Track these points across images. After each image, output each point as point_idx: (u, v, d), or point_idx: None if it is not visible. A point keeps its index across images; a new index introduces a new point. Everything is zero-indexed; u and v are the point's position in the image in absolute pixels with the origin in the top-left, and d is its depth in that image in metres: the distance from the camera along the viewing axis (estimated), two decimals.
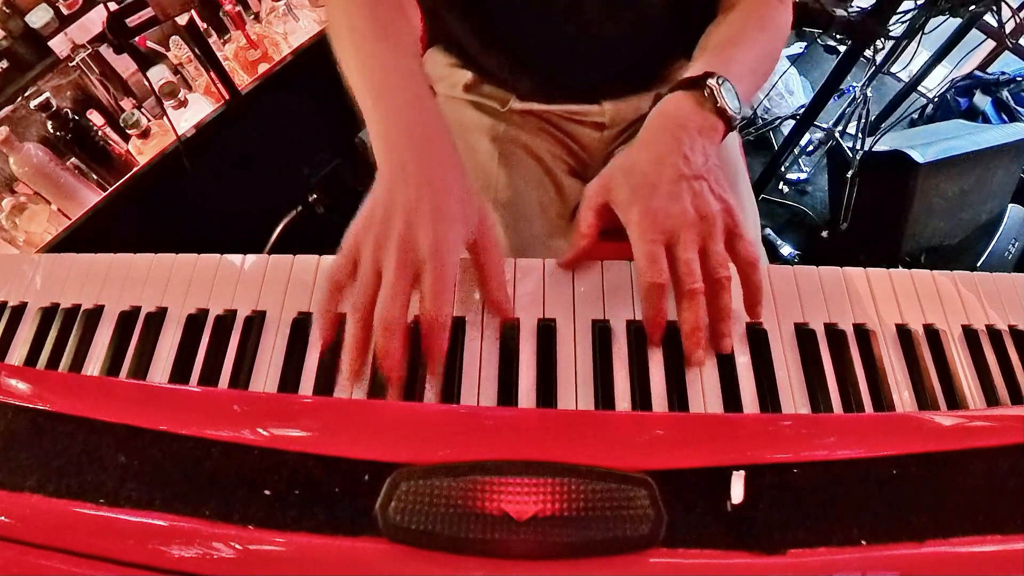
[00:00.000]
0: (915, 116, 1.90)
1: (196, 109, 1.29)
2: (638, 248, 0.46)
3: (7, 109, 1.18)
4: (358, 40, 0.52)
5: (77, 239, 1.19)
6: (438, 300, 0.43)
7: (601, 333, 0.48)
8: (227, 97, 1.25)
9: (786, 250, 1.68)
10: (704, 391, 0.46)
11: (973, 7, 1.32)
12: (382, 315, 0.42)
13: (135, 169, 1.25)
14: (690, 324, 0.45)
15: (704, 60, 0.56)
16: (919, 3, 1.29)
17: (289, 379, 0.48)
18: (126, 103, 1.30)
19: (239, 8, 1.35)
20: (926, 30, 1.37)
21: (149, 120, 1.30)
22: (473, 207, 0.47)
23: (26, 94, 1.19)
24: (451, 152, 0.49)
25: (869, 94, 1.62)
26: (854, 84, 1.69)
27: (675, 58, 0.74)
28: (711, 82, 0.50)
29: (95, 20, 1.23)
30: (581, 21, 0.65)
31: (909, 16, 1.30)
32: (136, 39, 1.06)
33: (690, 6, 0.65)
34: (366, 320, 0.43)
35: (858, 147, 1.56)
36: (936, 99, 1.89)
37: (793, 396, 0.47)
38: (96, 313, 0.52)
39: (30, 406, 0.37)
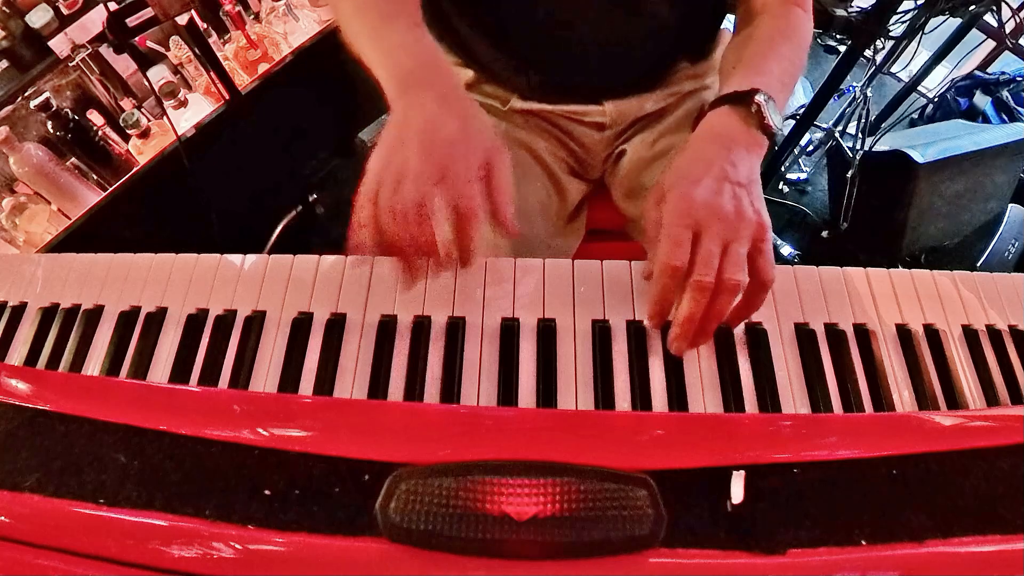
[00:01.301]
0: (915, 116, 1.89)
1: (196, 109, 1.29)
2: (666, 229, 0.46)
3: (7, 109, 1.18)
4: (369, 10, 0.53)
5: (77, 239, 1.19)
6: (468, 185, 0.43)
7: (601, 333, 0.48)
8: (227, 97, 1.25)
9: (786, 250, 1.68)
10: (704, 391, 0.47)
11: (973, 7, 1.32)
12: (410, 198, 0.42)
13: (135, 169, 1.25)
14: (685, 313, 0.45)
15: (743, 75, 0.56)
16: (919, 3, 1.29)
17: (289, 379, 0.48)
18: (126, 103, 1.30)
19: (239, 8, 1.35)
20: (926, 30, 1.36)
21: (149, 120, 1.30)
22: (487, 124, 0.48)
23: (26, 94, 1.19)
24: (458, 86, 0.50)
25: (869, 94, 1.61)
26: (854, 84, 1.68)
27: (678, 60, 0.74)
28: (759, 99, 0.51)
29: (95, 20, 1.23)
30: (588, 24, 0.65)
31: (909, 16, 1.30)
32: (136, 39, 1.06)
33: (696, 11, 0.65)
34: (395, 214, 0.43)
35: (858, 147, 1.56)
36: (936, 99, 1.88)
37: (793, 396, 0.47)
38: (96, 313, 0.52)
39: (30, 406, 0.37)
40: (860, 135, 1.57)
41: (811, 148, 1.84)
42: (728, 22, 0.76)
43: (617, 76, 0.72)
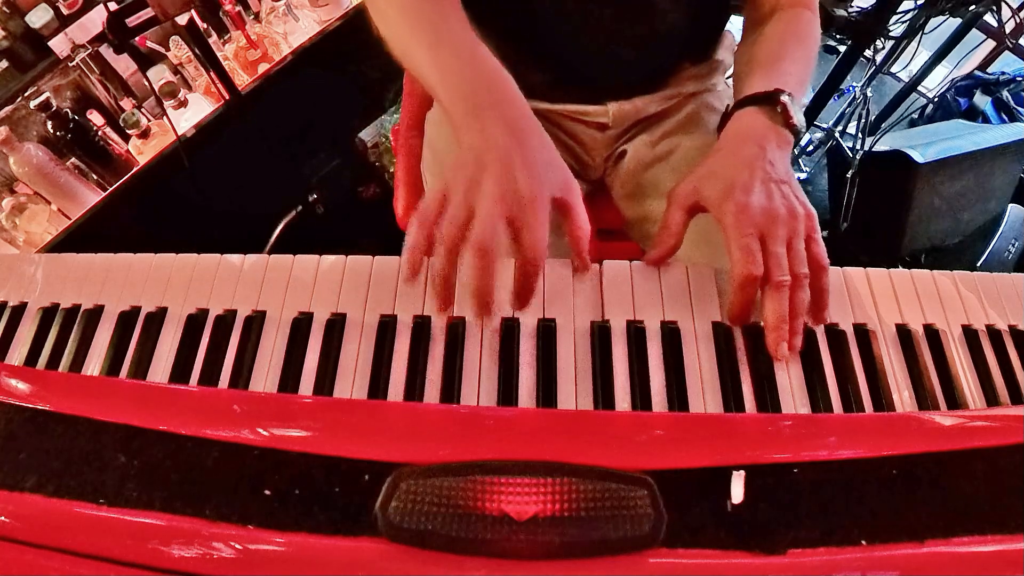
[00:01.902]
0: (915, 116, 1.89)
1: (196, 109, 1.29)
2: (734, 241, 0.48)
3: (7, 109, 1.18)
4: (414, 19, 0.53)
5: (77, 239, 1.19)
6: (538, 242, 0.43)
7: (601, 333, 0.48)
8: (227, 97, 1.25)
9: None
10: (704, 391, 0.47)
11: (973, 7, 1.32)
12: (478, 241, 0.42)
13: (135, 169, 1.25)
14: (776, 316, 0.47)
15: (762, 76, 0.58)
16: (919, 3, 1.29)
17: (289, 379, 0.48)
18: (126, 103, 1.30)
19: (239, 8, 1.35)
20: (926, 30, 1.36)
21: (149, 120, 1.30)
22: (559, 162, 0.48)
23: (26, 94, 1.19)
24: (528, 110, 0.49)
25: (869, 94, 1.61)
26: (854, 84, 1.69)
27: (682, 61, 0.74)
28: (784, 98, 0.53)
29: (95, 20, 1.23)
30: (594, 25, 0.65)
31: (909, 16, 1.30)
32: (136, 39, 1.06)
33: (703, 13, 0.66)
34: (453, 252, 0.43)
35: (858, 147, 1.56)
36: (936, 99, 1.88)
37: (793, 396, 0.47)
38: (96, 313, 0.52)
39: (30, 406, 0.37)
40: (860, 135, 1.57)
41: (811, 148, 1.84)
42: (730, 24, 0.76)
43: (621, 77, 0.72)
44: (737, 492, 0.32)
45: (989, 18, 1.45)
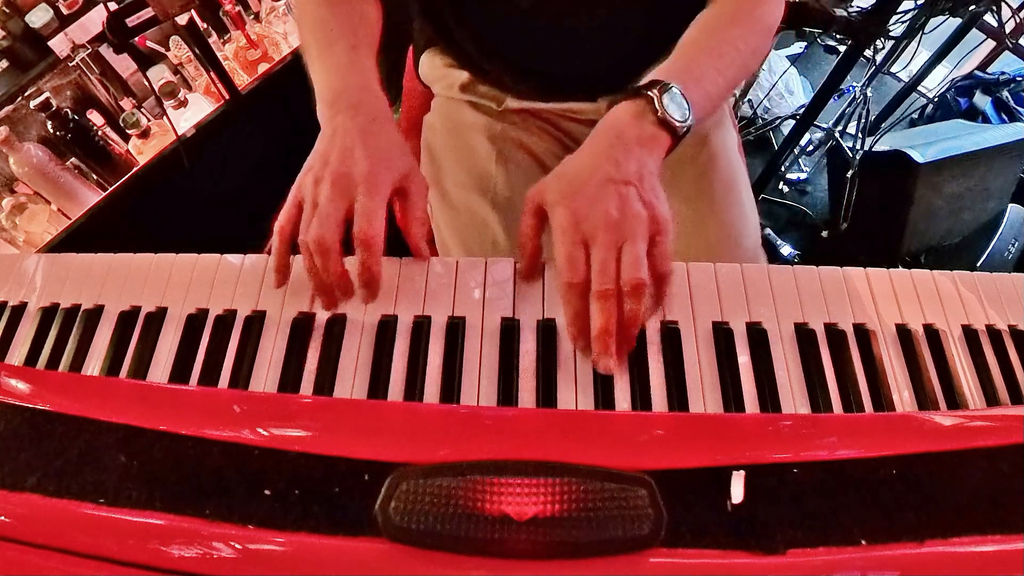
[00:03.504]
0: (915, 116, 1.89)
1: (196, 109, 1.29)
2: (558, 248, 0.46)
3: (7, 109, 1.18)
4: (316, 27, 0.58)
5: (77, 239, 1.19)
6: (367, 218, 0.46)
7: None
8: (227, 97, 1.25)
9: (786, 250, 1.68)
10: (704, 391, 0.47)
11: (973, 7, 1.32)
12: (314, 235, 0.46)
13: (135, 169, 1.24)
14: (599, 327, 0.44)
15: (665, 64, 0.55)
16: (919, 3, 1.29)
17: (289, 379, 0.48)
18: (126, 103, 1.30)
19: (239, 8, 1.34)
20: (926, 30, 1.36)
21: (149, 120, 1.29)
22: (405, 153, 0.52)
23: (26, 94, 1.18)
24: (386, 111, 0.53)
25: (869, 94, 1.61)
26: (854, 84, 1.68)
27: (667, 53, 0.74)
28: (653, 92, 0.49)
29: (95, 20, 1.22)
30: (574, 22, 0.65)
31: (909, 16, 1.30)
32: (136, 39, 1.06)
33: (673, 3, 0.64)
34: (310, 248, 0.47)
35: (858, 147, 1.56)
36: (936, 99, 1.88)
37: (793, 396, 0.47)
38: (96, 313, 0.52)
39: (30, 406, 0.37)
40: (860, 135, 1.57)
41: (811, 148, 1.84)
42: None
43: (609, 73, 0.72)
44: (737, 492, 0.32)
45: (989, 18, 1.45)
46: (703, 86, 0.53)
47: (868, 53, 1.43)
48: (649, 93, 0.49)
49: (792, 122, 1.76)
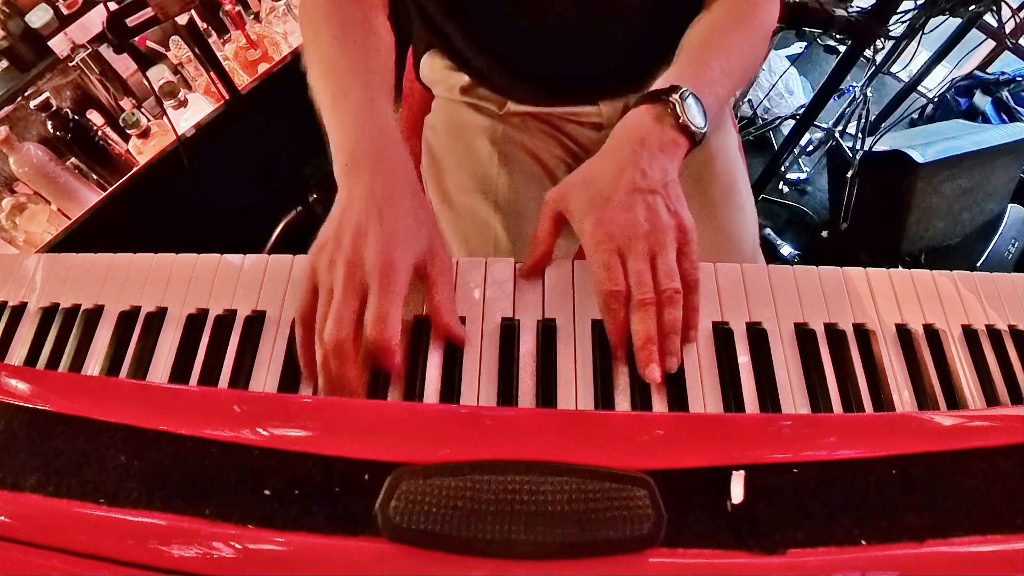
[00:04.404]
0: (915, 116, 1.90)
1: (196, 109, 1.29)
2: (593, 258, 0.46)
3: (7, 109, 1.18)
4: (328, 71, 0.54)
5: (77, 239, 1.19)
6: (380, 323, 0.42)
7: (601, 333, 0.48)
8: (227, 97, 1.25)
9: (786, 250, 1.68)
10: (704, 391, 0.47)
11: (973, 7, 1.32)
12: (330, 338, 0.42)
13: (135, 169, 1.25)
14: (641, 337, 0.44)
15: (675, 68, 0.55)
16: (919, 3, 1.29)
17: (289, 379, 0.48)
18: (126, 103, 1.30)
19: (239, 8, 1.35)
20: (926, 30, 1.36)
21: (149, 120, 1.30)
22: (424, 230, 0.47)
23: (26, 94, 1.18)
24: (407, 175, 0.49)
25: (869, 94, 1.62)
26: (854, 84, 1.69)
27: (668, 56, 0.74)
28: (673, 97, 0.50)
29: (95, 20, 1.22)
30: (572, 26, 0.65)
31: (909, 16, 1.31)
32: (136, 39, 1.06)
33: (672, 7, 0.64)
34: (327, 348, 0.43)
35: (858, 147, 1.56)
36: (936, 99, 1.89)
37: (793, 396, 0.47)
38: (96, 313, 0.52)
39: (30, 406, 0.37)
40: (860, 135, 1.58)
41: (811, 148, 1.85)
42: None
43: (608, 76, 0.72)
44: (737, 492, 0.32)
45: (989, 18, 1.45)
46: (714, 90, 0.53)
47: (868, 53, 1.44)
48: (670, 99, 0.50)
49: (792, 122, 1.76)
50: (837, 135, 1.71)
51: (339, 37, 0.55)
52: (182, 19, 1.08)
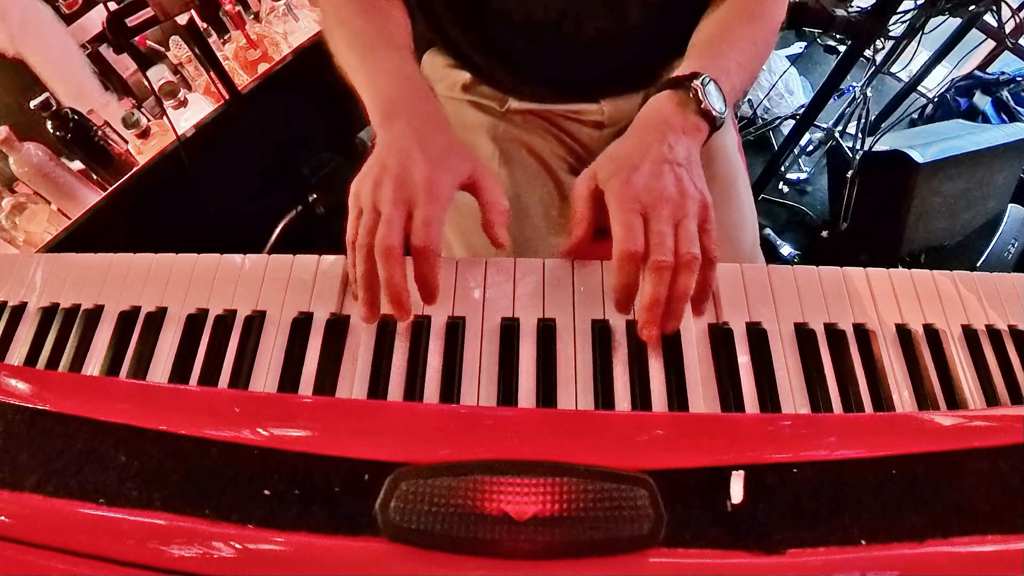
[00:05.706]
0: (915, 116, 1.90)
1: (196, 109, 1.29)
2: (616, 217, 0.46)
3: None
4: (353, 35, 0.57)
5: (77, 239, 1.19)
6: (429, 228, 0.44)
7: (601, 333, 0.48)
8: (227, 97, 1.25)
9: (786, 250, 1.68)
10: (704, 391, 0.46)
11: (973, 7, 1.32)
12: (381, 244, 0.44)
13: (135, 169, 1.24)
14: (650, 296, 0.44)
15: (692, 58, 0.56)
16: (919, 3, 1.29)
17: (289, 379, 0.48)
18: (126, 103, 1.30)
19: (239, 8, 1.35)
20: (926, 30, 1.37)
21: (149, 120, 1.29)
22: (467, 153, 0.50)
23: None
24: (444, 119, 0.52)
25: (869, 94, 1.62)
26: (854, 84, 1.69)
27: (671, 57, 0.74)
28: (695, 83, 0.51)
29: (95, 20, 1.23)
30: (574, 24, 0.65)
31: (909, 16, 1.31)
32: (136, 39, 1.06)
33: (675, 5, 0.65)
34: (369, 254, 0.45)
35: (858, 147, 1.56)
36: (936, 99, 1.89)
37: (793, 396, 0.47)
38: (96, 313, 0.52)
39: (30, 406, 0.37)
40: (860, 135, 1.58)
41: (811, 148, 1.85)
42: None
43: (610, 75, 0.72)
44: (737, 492, 0.32)
45: (989, 18, 1.45)
46: (730, 79, 0.54)
47: (868, 53, 1.44)
48: (693, 84, 0.51)
49: (792, 122, 1.76)
50: (837, 135, 1.71)
51: (359, 8, 0.58)
52: (182, 19, 1.08)
